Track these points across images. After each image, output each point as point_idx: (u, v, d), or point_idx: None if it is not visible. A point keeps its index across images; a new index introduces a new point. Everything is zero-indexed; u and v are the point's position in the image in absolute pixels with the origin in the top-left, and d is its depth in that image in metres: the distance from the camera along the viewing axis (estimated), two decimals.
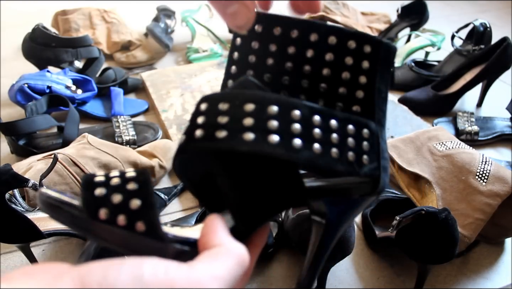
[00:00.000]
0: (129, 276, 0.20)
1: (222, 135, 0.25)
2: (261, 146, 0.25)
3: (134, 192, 0.25)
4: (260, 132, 0.25)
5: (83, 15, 1.33)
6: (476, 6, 1.90)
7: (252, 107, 0.25)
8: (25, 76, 0.95)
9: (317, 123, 0.26)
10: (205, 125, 0.26)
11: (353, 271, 0.63)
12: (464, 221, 0.63)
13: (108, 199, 0.24)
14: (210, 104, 0.27)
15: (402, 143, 0.79)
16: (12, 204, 0.57)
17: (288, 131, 0.25)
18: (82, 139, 0.75)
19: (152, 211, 0.24)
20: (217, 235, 0.26)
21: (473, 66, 1.03)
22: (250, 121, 0.25)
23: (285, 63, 0.29)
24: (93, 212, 0.24)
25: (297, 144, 0.25)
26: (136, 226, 0.24)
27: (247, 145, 0.25)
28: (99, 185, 0.25)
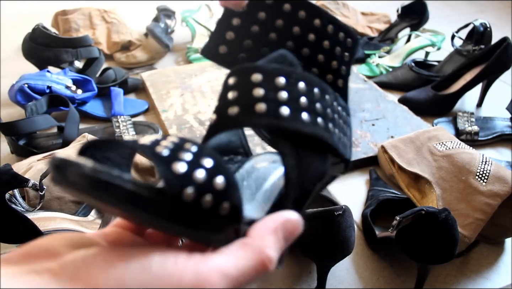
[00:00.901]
0: (137, 268, 0.19)
1: (286, 113, 0.25)
2: (316, 129, 0.26)
3: (213, 169, 0.21)
4: (314, 115, 0.26)
5: (83, 15, 1.33)
6: (476, 6, 1.90)
7: (304, 87, 0.26)
8: (25, 76, 0.95)
9: (336, 109, 0.29)
10: (267, 99, 0.25)
11: (353, 271, 0.63)
12: (464, 221, 0.63)
13: (191, 177, 0.21)
14: (267, 77, 0.25)
15: (402, 144, 0.79)
16: (12, 204, 0.57)
17: (325, 115, 0.27)
18: (82, 139, 0.75)
19: (237, 191, 0.22)
20: (263, 229, 0.23)
21: (473, 66, 1.03)
22: (305, 100, 0.26)
23: (276, 20, 0.31)
24: (177, 193, 0.20)
25: (331, 128, 0.27)
26: (221, 209, 0.21)
27: (308, 127, 0.25)
28: (173, 159, 0.21)
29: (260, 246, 0.22)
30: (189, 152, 0.22)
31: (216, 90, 1.07)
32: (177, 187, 0.20)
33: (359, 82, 1.12)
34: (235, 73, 0.26)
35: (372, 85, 1.11)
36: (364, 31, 1.45)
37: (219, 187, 0.21)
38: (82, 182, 0.18)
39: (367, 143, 0.88)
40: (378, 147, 0.84)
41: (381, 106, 1.02)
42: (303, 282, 0.61)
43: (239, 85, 0.26)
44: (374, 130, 0.92)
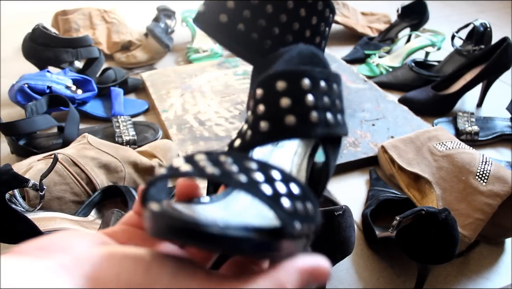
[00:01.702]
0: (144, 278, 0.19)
1: (332, 120, 0.26)
2: (343, 129, 0.28)
3: (302, 196, 0.22)
4: (335, 113, 0.27)
5: (83, 15, 1.33)
6: (476, 6, 1.90)
7: (325, 86, 0.26)
8: (25, 76, 0.95)
9: (337, 92, 0.29)
10: (317, 107, 0.25)
11: (353, 271, 0.63)
12: (464, 221, 0.63)
13: (296, 211, 0.21)
14: (314, 83, 0.25)
15: (402, 144, 0.79)
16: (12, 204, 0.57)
17: (340, 109, 0.28)
18: (82, 139, 0.75)
19: (318, 211, 0.22)
20: (290, 265, 0.22)
21: (473, 66, 1.03)
22: (327, 100, 0.26)
23: (280, 15, 0.32)
24: (291, 230, 0.20)
25: (340, 120, 0.28)
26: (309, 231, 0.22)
27: (339, 129, 0.27)
28: (277, 195, 0.20)
29: (282, 279, 0.21)
30: (279, 181, 0.21)
31: (216, 90, 1.07)
32: (291, 225, 0.20)
33: (359, 82, 1.12)
34: (284, 76, 0.25)
35: (372, 85, 1.11)
36: (364, 31, 1.45)
37: (310, 214, 0.21)
38: (212, 242, 0.18)
39: (367, 143, 0.88)
40: (378, 147, 0.84)
41: (381, 106, 1.02)
42: None
43: (292, 92, 0.25)
44: (374, 130, 0.92)
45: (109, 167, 0.72)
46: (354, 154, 0.85)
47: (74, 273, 0.18)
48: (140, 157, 0.76)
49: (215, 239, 0.18)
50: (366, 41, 1.36)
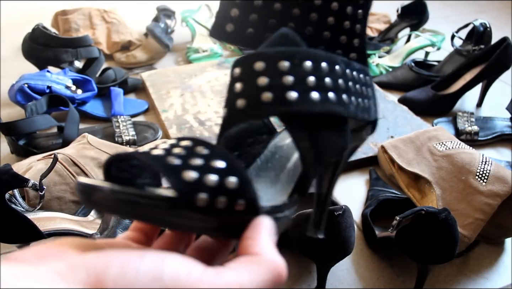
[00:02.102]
0: (148, 276, 0.19)
1: (294, 97, 0.25)
2: (327, 106, 0.26)
3: (225, 169, 0.23)
4: (324, 92, 0.26)
5: (83, 15, 1.33)
6: (476, 6, 1.90)
7: (310, 65, 0.26)
8: (25, 76, 0.95)
9: (349, 76, 0.29)
10: (272, 87, 0.25)
11: (353, 271, 0.63)
12: (464, 221, 0.63)
13: (202, 183, 0.22)
14: (269, 64, 0.25)
15: (402, 144, 0.79)
16: (12, 204, 0.57)
17: (337, 87, 0.27)
18: (82, 139, 0.75)
19: (250, 187, 0.23)
20: (260, 242, 0.23)
21: (473, 66, 1.03)
22: (313, 79, 0.25)
23: (293, 9, 0.29)
24: (190, 200, 0.21)
25: (346, 99, 0.27)
26: (236, 206, 0.23)
27: (318, 106, 0.25)
28: (183, 167, 0.22)
29: (270, 258, 0.22)
30: (201, 156, 0.23)
31: (216, 90, 1.07)
32: (189, 195, 0.21)
33: None
34: (239, 63, 0.26)
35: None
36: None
37: (232, 187, 0.22)
38: (105, 203, 0.21)
39: (367, 143, 0.88)
40: (378, 147, 0.84)
41: (381, 106, 1.02)
42: (303, 282, 0.61)
43: (244, 76, 0.26)
44: None
45: None
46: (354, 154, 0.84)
47: (69, 280, 0.19)
48: None
49: (110, 203, 0.21)
50: (366, 41, 1.36)
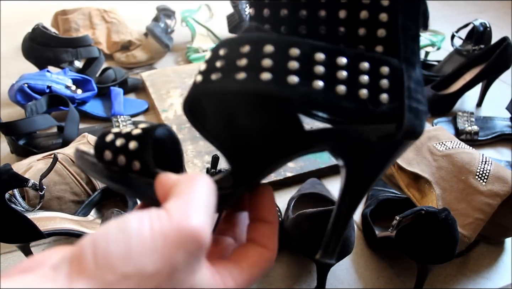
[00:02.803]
0: (118, 235, 0.20)
1: (215, 77, 0.26)
2: (252, 83, 0.25)
3: (136, 136, 0.28)
4: (254, 71, 0.25)
5: (83, 15, 1.33)
6: (476, 6, 1.90)
7: (248, 49, 0.26)
8: (25, 76, 0.95)
9: (320, 60, 0.26)
10: (203, 72, 0.27)
11: (353, 271, 0.63)
12: (464, 221, 0.63)
13: (113, 143, 0.28)
14: (212, 52, 0.27)
15: None
16: (12, 204, 0.57)
17: (283, 68, 0.25)
18: (82, 139, 0.75)
19: (146, 152, 0.27)
20: (171, 178, 0.25)
21: (473, 66, 1.03)
22: (244, 62, 0.26)
23: (300, 11, 0.28)
24: (100, 154, 0.28)
25: (293, 80, 0.25)
26: (133, 166, 0.27)
27: (237, 83, 0.25)
28: (112, 133, 0.29)
29: (178, 218, 0.22)
30: (129, 129, 0.29)
31: None
32: (99, 149, 0.28)
33: None
34: (249, 41, 0.26)
35: None
36: None
37: (131, 148, 0.27)
38: (75, 158, 0.31)
39: None
40: None
41: None
42: (303, 282, 0.61)
43: (251, 54, 0.26)
44: None
45: None
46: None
47: (55, 278, 0.19)
48: None
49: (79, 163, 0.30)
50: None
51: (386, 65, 0.27)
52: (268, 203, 0.29)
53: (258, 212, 0.29)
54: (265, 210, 0.29)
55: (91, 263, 0.19)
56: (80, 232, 0.61)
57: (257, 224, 0.29)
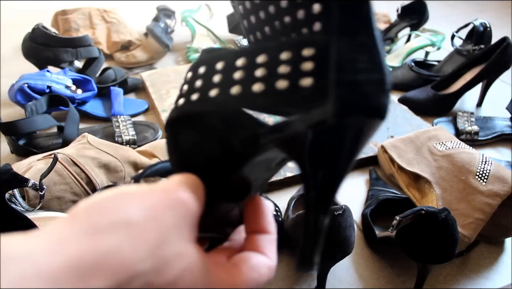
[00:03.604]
0: (110, 191, 0.21)
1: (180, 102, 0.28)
2: (183, 108, 0.28)
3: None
4: (187, 95, 0.28)
5: (83, 15, 1.33)
6: (476, 6, 1.90)
7: (190, 74, 0.28)
8: (25, 76, 0.95)
9: (239, 65, 0.25)
10: (183, 94, 0.29)
11: (353, 271, 0.63)
12: (464, 221, 0.63)
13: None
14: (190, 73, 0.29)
15: (402, 143, 0.79)
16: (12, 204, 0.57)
17: (207, 84, 0.26)
18: (82, 139, 0.75)
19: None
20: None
21: (473, 66, 1.03)
22: (186, 87, 0.28)
23: (251, 16, 0.28)
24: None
25: (212, 94, 0.26)
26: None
27: (178, 109, 0.28)
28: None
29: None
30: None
31: None
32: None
33: None
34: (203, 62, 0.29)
35: None
36: None
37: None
38: None
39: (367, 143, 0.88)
40: (378, 147, 0.84)
41: None
42: (303, 282, 0.61)
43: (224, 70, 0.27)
44: None
45: (109, 167, 0.72)
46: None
47: (47, 229, 0.20)
48: (140, 156, 0.76)
49: None
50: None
51: (310, 45, 0.23)
52: (263, 214, 0.29)
53: (255, 225, 0.28)
54: (261, 221, 0.28)
55: (83, 212, 0.20)
56: None
57: (255, 236, 0.28)
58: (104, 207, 0.20)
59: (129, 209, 0.20)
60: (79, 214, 0.20)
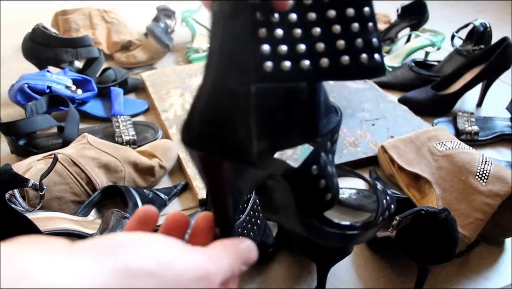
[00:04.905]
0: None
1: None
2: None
3: None
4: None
5: (83, 15, 1.33)
6: (476, 6, 1.90)
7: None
8: (25, 76, 0.95)
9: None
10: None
11: (353, 271, 0.63)
12: (464, 221, 0.63)
13: None
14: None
15: (402, 144, 0.79)
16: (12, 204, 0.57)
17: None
18: (82, 139, 0.75)
19: None
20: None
21: (473, 66, 1.03)
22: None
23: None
24: None
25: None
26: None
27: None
28: None
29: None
30: None
31: None
32: None
33: (359, 82, 1.12)
34: None
35: (372, 85, 1.11)
36: None
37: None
38: None
39: (367, 143, 0.88)
40: (378, 147, 0.84)
41: (381, 106, 1.02)
42: (303, 282, 0.61)
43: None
44: (374, 130, 0.92)
45: (109, 167, 0.72)
46: (354, 154, 0.85)
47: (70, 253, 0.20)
48: (140, 156, 0.76)
49: None
50: None
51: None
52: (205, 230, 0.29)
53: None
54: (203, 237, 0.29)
55: (118, 247, 0.20)
56: (80, 232, 0.61)
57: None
58: (143, 251, 0.20)
59: (165, 264, 0.20)
60: (115, 246, 0.20)
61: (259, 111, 0.24)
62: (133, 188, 0.70)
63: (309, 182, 0.30)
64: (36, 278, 0.16)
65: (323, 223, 0.32)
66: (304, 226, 0.31)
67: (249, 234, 0.54)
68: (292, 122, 0.27)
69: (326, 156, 0.31)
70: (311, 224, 0.31)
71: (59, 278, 0.17)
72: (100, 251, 0.19)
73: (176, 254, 0.21)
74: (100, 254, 0.19)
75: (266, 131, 0.26)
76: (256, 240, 0.56)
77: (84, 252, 0.19)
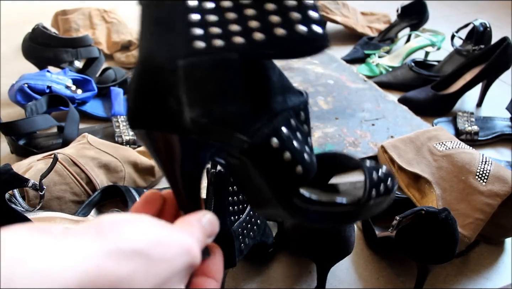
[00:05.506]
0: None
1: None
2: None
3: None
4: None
5: (83, 15, 1.33)
6: (476, 6, 1.90)
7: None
8: (25, 76, 0.95)
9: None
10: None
11: (353, 271, 0.63)
12: (464, 221, 0.63)
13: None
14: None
15: (402, 144, 0.79)
16: (12, 204, 0.57)
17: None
18: (82, 139, 0.75)
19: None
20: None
21: (473, 66, 1.03)
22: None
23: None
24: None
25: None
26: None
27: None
28: None
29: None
30: None
31: None
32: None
33: (359, 82, 1.12)
34: None
35: (372, 85, 1.11)
36: (364, 31, 1.45)
37: None
38: None
39: (367, 143, 0.88)
40: (378, 147, 0.84)
41: (381, 106, 1.02)
42: (303, 282, 0.61)
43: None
44: (374, 130, 0.92)
45: (109, 167, 0.72)
46: (354, 154, 0.84)
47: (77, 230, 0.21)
48: (140, 156, 0.76)
49: None
50: (366, 41, 1.36)
51: None
52: (217, 261, 0.29)
53: (204, 267, 0.28)
54: (211, 267, 0.28)
55: (109, 227, 0.21)
56: None
57: (201, 279, 0.27)
58: (131, 232, 0.21)
59: (152, 243, 0.21)
60: (105, 228, 0.20)
61: (188, 81, 0.25)
62: (133, 188, 0.70)
63: (271, 155, 0.29)
64: (29, 266, 0.17)
65: (305, 202, 0.31)
66: (287, 209, 0.31)
67: (249, 234, 0.54)
68: (225, 92, 0.27)
69: (290, 132, 0.30)
70: (293, 205, 0.31)
71: (52, 264, 0.17)
72: (91, 235, 0.20)
73: (161, 231, 0.22)
74: (91, 237, 0.20)
75: (197, 99, 0.26)
76: (256, 240, 0.56)
77: (75, 236, 0.20)
